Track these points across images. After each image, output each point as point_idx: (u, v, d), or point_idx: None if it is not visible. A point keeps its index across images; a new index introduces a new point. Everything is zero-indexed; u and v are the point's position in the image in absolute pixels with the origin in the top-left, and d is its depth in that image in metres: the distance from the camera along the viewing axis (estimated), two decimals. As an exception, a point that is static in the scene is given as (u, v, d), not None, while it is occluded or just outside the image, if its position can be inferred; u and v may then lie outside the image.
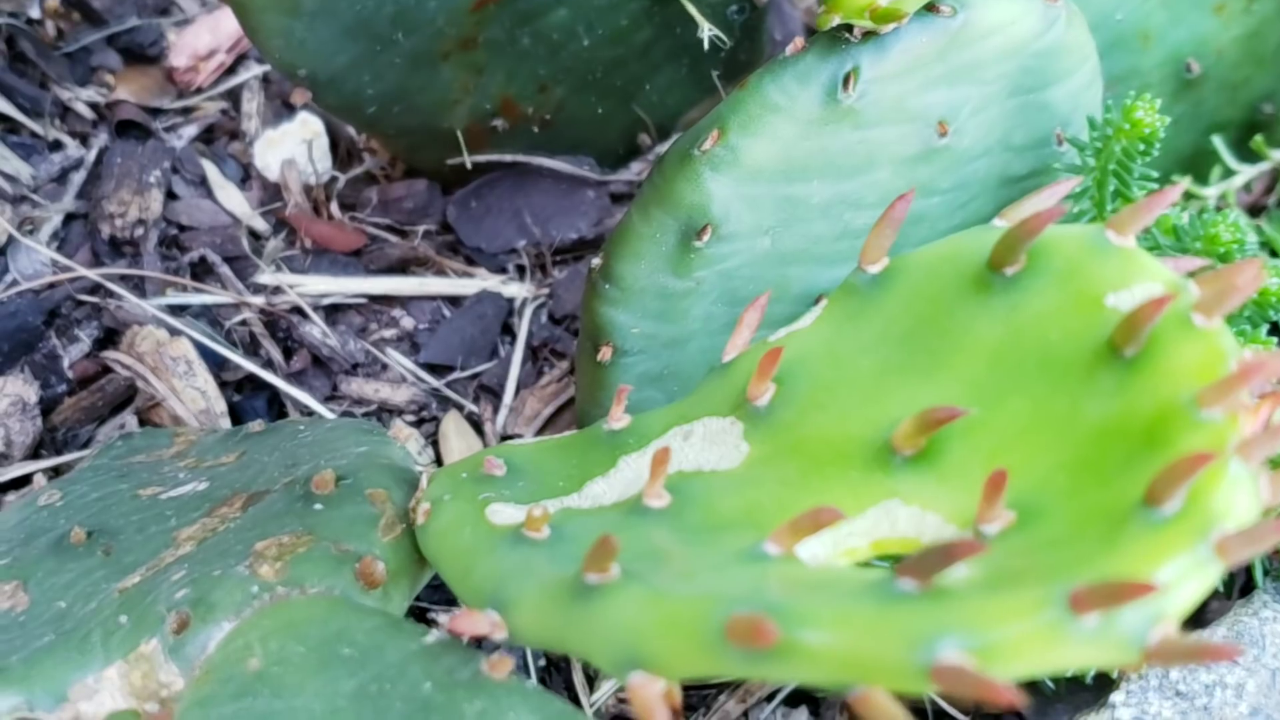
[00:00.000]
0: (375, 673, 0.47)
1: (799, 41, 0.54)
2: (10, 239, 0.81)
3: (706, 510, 0.47)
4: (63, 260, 0.81)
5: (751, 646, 0.35)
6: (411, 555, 0.54)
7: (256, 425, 0.67)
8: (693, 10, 0.71)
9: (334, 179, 0.89)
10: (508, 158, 0.85)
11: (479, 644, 0.57)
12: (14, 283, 0.80)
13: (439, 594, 0.70)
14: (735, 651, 0.35)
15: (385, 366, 0.80)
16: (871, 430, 0.46)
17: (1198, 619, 0.65)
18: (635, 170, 0.91)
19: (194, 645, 0.50)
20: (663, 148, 0.91)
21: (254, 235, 0.86)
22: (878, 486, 0.45)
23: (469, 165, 0.83)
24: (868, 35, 0.52)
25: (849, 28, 0.52)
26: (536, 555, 0.47)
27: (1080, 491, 0.38)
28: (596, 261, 0.61)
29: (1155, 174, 0.62)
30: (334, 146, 0.91)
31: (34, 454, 0.75)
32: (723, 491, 0.48)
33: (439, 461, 0.76)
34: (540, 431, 0.78)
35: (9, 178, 0.84)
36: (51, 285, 0.80)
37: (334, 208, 0.86)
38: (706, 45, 0.70)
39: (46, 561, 0.58)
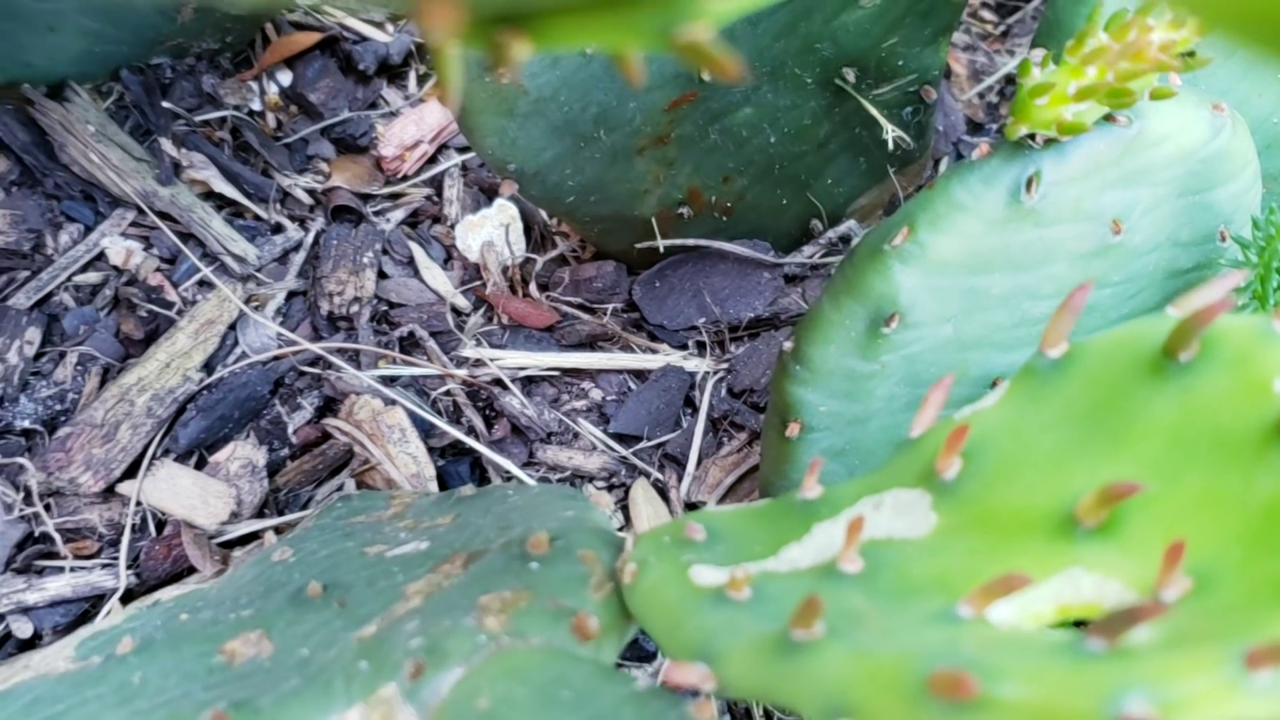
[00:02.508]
0: (591, 714, 0.51)
1: (984, 146, 0.58)
2: (241, 314, 0.88)
3: (898, 575, 0.51)
4: (287, 334, 0.88)
5: (953, 699, 0.38)
6: (619, 612, 0.59)
7: (467, 490, 0.73)
8: (879, 116, 0.76)
9: (529, 260, 0.95)
10: (691, 242, 0.90)
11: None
12: (243, 355, 0.87)
13: (630, 651, 0.75)
14: (936, 703, 0.39)
15: (577, 435, 0.86)
16: (1055, 503, 0.49)
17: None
18: (807, 253, 0.95)
19: (429, 689, 0.55)
20: (834, 233, 0.95)
21: (456, 312, 0.93)
22: (1062, 555, 0.48)
23: (661, 249, 0.88)
24: (1049, 141, 0.56)
25: (1032, 135, 0.56)
26: (739, 614, 0.51)
27: (1252, 562, 0.41)
28: (788, 345, 0.65)
29: (1313, 272, 0.65)
30: (528, 230, 0.97)
31: (259, 513, 0.81)
32: (913, 558, 0.52)
33: (628, 525, 0.81)
34: (723, 499, 0.82)
35: (238, 258, 0.92)
36: (276, 357, 0.87)
37: (532, 288, 0.92)
38: (891, 146, 0.75)
39: (286, 612, 0.64)
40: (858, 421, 0.67)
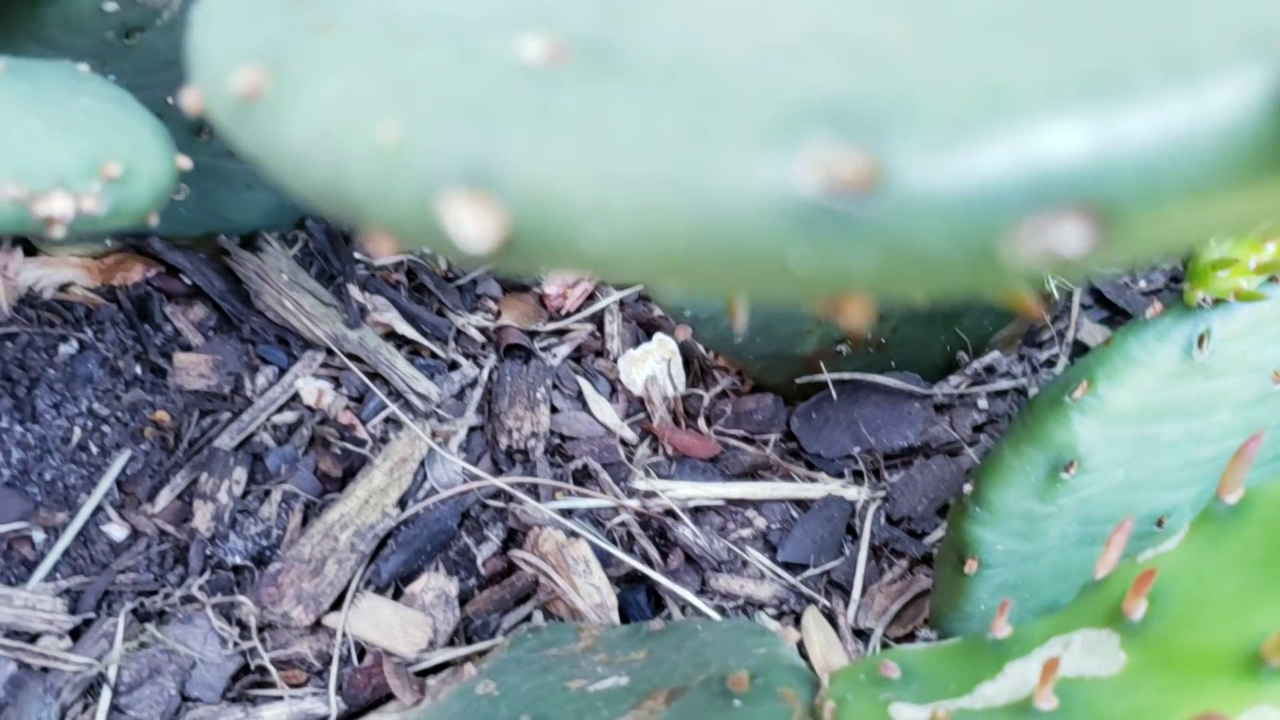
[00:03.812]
0: (808, 842, 0.56)
1: (1157, 306, 0.62)
2: (430, 451, 0.94)
3: (1092, 712, 0.55)
4: (472, 469, 0.94)
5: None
6: (820, 746, 0.63)
7: (656, 625, 0.77)
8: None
9: (692, 394, 1.00)
10: (847, 376, 0.95)
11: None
12: (432, 490, 0.93)
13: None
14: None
15: (745, 563, 0.90)
16: (1240, 643, 0.53)
17: None
18: (954, 383, 0.99)
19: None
20: (978, 363, 1.00)
21: (624, 443, 0.98)
22: (1250, 693, 0.51)
23: (832, 392, 0.93)
24: (1218, 301, 0.61)
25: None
26: (942, 749, 0.55)
27: None
28: (968, 488, 0.70)
29: None
30: (686, 364, 1.02)
31: (450, 641, 0.87)
32: (1106, 696, 0.55)
33: (802, 654, 0.85)
34: (890, 625, 0.87)
35: (421, 396, 0.98)
36: (463, 492, 0.93)
37: (700, 421, 0.98)
38: (1057, 296, 0.80)
39: (502, 747, 0.69)
40: (1031, 558, 0.71)
